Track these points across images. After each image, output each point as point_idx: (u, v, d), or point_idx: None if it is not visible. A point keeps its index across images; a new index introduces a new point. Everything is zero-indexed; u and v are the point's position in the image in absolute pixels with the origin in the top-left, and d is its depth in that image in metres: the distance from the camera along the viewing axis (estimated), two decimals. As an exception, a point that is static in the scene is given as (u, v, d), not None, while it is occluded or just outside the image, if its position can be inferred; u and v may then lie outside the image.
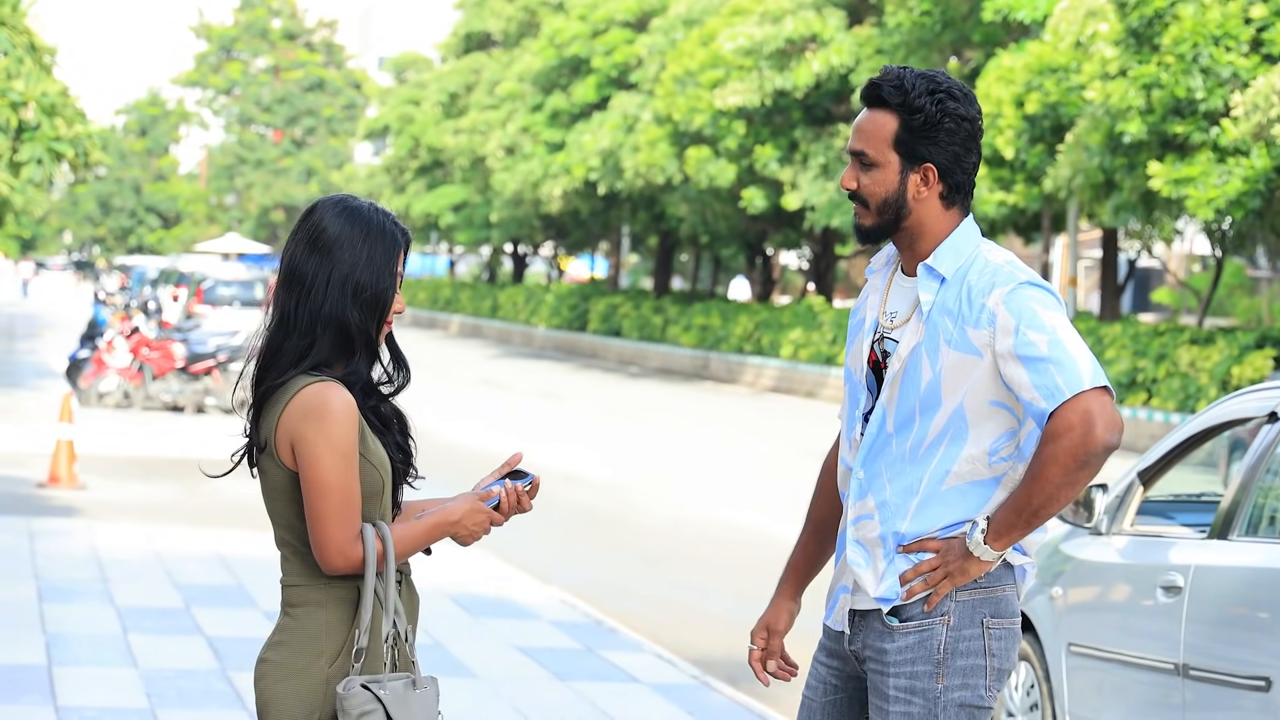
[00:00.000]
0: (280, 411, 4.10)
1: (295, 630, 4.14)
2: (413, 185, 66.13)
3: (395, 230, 4.21)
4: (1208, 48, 23.87)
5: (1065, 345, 4.21)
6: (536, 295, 59.48)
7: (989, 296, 4.27)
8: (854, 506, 4.42)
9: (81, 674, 9.46)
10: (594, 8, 48.46)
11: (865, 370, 4.45)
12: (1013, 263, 4.35)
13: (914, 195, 4.34)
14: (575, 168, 46.27)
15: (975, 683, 4.35)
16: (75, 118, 17.77)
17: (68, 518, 15.40)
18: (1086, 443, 4.16)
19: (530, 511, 4.30)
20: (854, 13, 38.24)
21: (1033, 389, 4.21)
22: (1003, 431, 4.31)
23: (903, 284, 4.44)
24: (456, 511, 4.19)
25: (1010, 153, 29.50)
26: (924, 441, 4.33)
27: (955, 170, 4.34)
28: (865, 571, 4.39)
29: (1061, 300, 4.35)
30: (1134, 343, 28.27)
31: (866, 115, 4.39)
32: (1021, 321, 4.23)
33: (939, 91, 4.31)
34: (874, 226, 4.39)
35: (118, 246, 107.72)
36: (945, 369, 4.29)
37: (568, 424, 27.91)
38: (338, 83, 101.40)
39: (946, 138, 4.31)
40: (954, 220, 4.38)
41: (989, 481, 4.33)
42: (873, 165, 4.35)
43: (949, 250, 4.35)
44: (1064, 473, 4.18)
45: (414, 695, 4.11)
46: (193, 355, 26.80)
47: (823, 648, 4.57)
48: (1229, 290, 44.14)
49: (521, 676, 10.00)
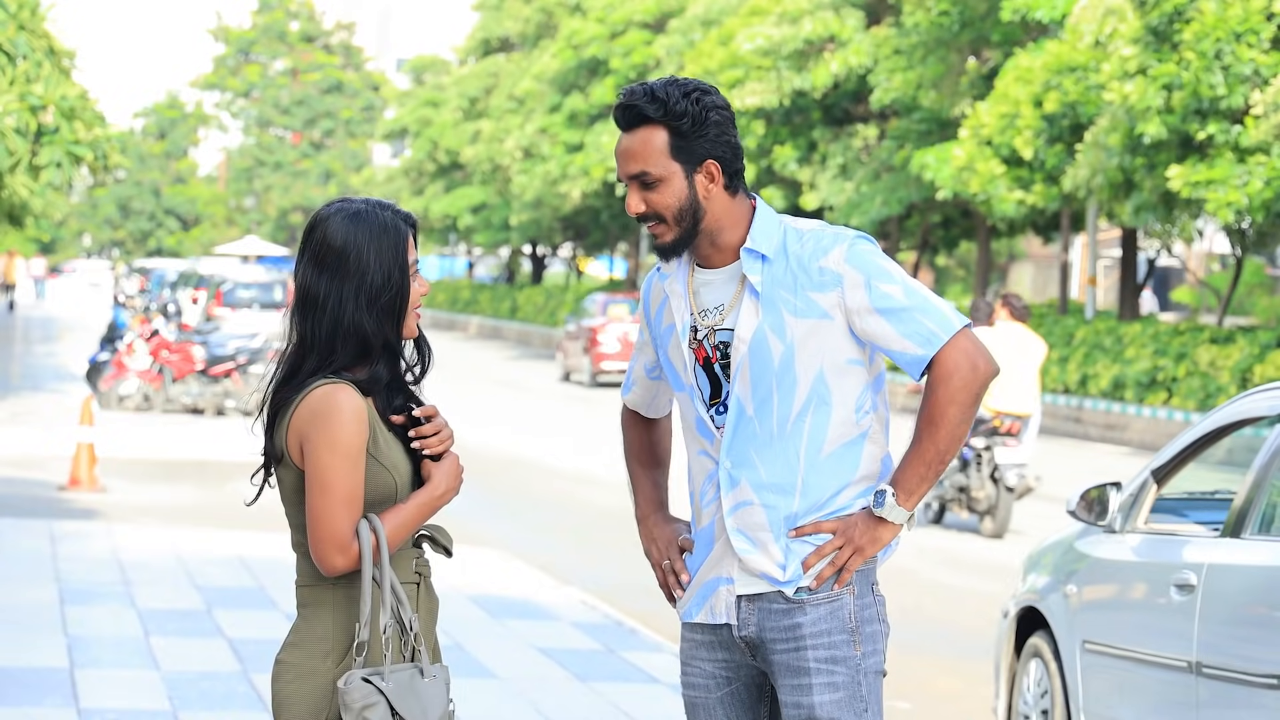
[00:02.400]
0: (291, 415, 4.14)
1: (305, 631, 4.17)
2: (431, 187, 66.17)
3: (397, 221, 4.21)
4: (1229, 44, 23.79)
5: (920, 292, 4.36)
6: (556, 296, 59.48)
7: (825, 258, 4.36)
8: (728, 497, 4.43)
9: (103, 676, 9.48)
10: (612, 9, 48.49)
11: (694, 369, 4.48)
12: (825, 225, 4.44)
13: (704, 195, 4.38)
14: (594, 169, 46.29)
15: (879, 649, 4.45)
16: (94, 121, 17.82)
17: (89, 520, 15.43)
18: (976, 377, 4.33)
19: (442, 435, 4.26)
20: (872, 13, 38.22)
21: (902, 339, 4.33)
22: (861, 387, 4.41)
23: (710, 279, 4.47)
24: (439, 483, 4.19)
25: (1029, 153, 29.45)
26: (789, 416, 4.37)
27: (734, 159, 4.41)
28: (757, 556, 4.41)
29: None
30: (1154, 342, 28.22)
31: (630, 137, 4.40)
32: (871, 276, 4.34)
33: (692, 91, 4.38)
34: (677, 239, 4.42)
35: (137, 249, 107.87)
36: (797, 339, 4.36)
37: (588, 425, 27.91)
38: (356, 85, 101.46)
39: (716, 131, 4.37)
40: (743, 204, 4.45)
41: (858, 439, 4.42)
42: (657, 181, 4.37)
43: (759, 230, 4.41)
44: (962, 410, 4.33)
45: (422, 684, 4.12)
46: (212, 358, 26.85)
47: (699, 645, 4.55)
48: (1249, 289, 44.04)
49: (542, 677, 10.01)
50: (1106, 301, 49.63)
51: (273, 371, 4.24)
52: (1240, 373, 25.62)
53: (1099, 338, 29.79)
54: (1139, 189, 26.56)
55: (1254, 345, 25.91)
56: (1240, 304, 43.39)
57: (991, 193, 30.28)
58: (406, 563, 4.22)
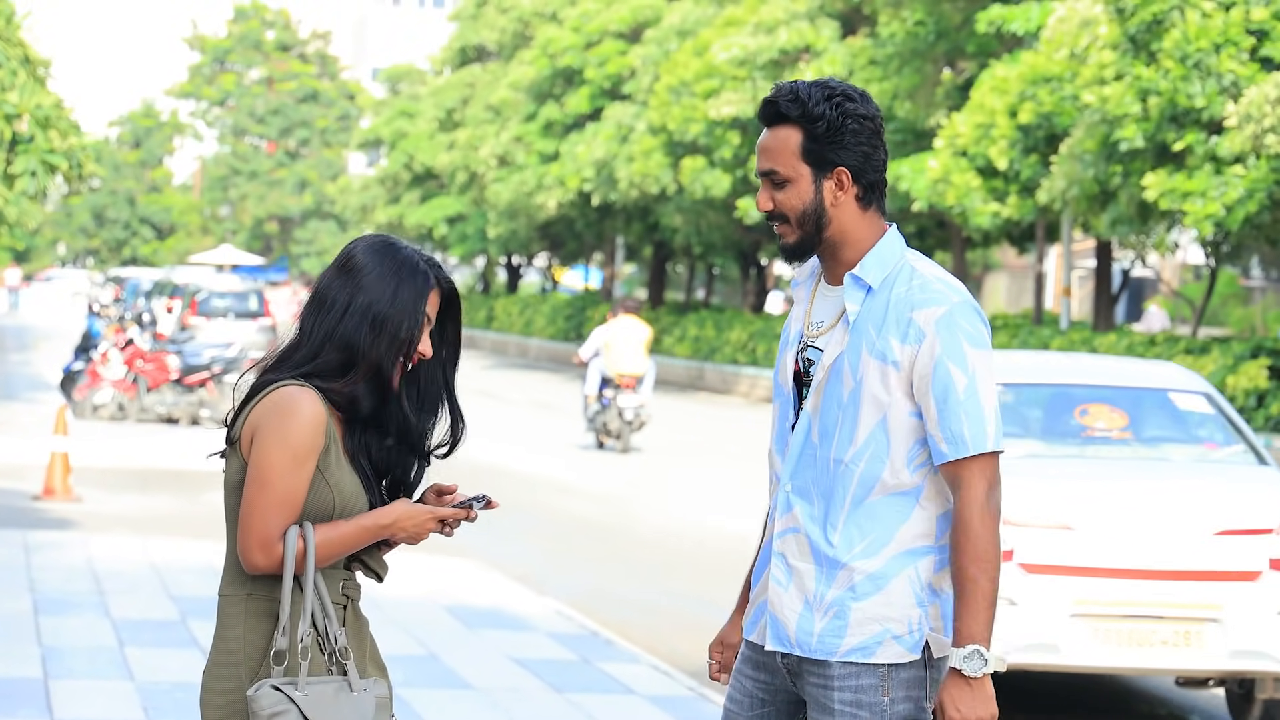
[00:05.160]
0: (253, 406, 4.13)
1: (217, 647, 4.15)
2: (407, 196, 66.15)
3: (429, 273, 4.20)
4: (1209, 53, 23.84)
5: (979, 395, 4.25)
6: (532, 306, 59.47)
7: (920, 311, 4.28)
8: (781, 519, 4.43)
9: (78, 687, 9.45)
10: (587, 19, 48.49)
11: (791, 380, 4.47)
12: (944, 279, 4.35)
13: (831, 202, 4.34)
14: (569, 178, 46.30)
15: (916, 694, 4.35)
16: (69, 130, 17.77)
17: (63, 530, 15.39)
18: (989, 498, 4.25)
19: (475, 520, 4.26)
20: (847, 23, 38.29)
21: (938, 428, 4.25)
22: (919, 438, 4.32)
23: (827, 294, 4.45)
24: (389, 513, 4.14)
25: (1004, 163, 29.51)
26: (848, 452, 4.33)
27: (867, 169, 4.35)
28: (786, 595, 4.38)
29: (989, 327, 4.38)
30: (1128, 353, 28.28)
31: (769, 134, 4.39)
32: (947, 353, 4.26)
33: (836, 95, 4.33)
34: (798, 242, 4.39)
35: (112, 258, 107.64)
36: (865, 378, 4.30)
37: (563, 434, 27.89)
38: (331, 94, 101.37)
39: (852, 139, 4.32)
40: (874, 223, 4.39)
41: (911, 492, 4.32)
42: (785, 181, 4.35)
43: (875, 259, 4.35)
44: (983, 522, 4.24)
45: (348, 698, 4.07)
46: (187, 367, 26.79)
47: (747, 660, 4.53)
48: (1223, 300, 44.20)
49: (517, 688, 9.99)
50: (1081, 312, 49.75)
51: (263, 359, 4.24)
52: (1215, 384, 25.68)
53: (1073, 348, 29.84)
54: (1115, 200, 26.61)
55: (1228, 356, 25.97)
56: (1214, 315, 43.54)
57: (967, 205, 30.33)
58: (334, 583, 4.17)
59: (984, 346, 4.30)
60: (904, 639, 4.31)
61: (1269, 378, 25.22)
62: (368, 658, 4.24)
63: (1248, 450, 10.30)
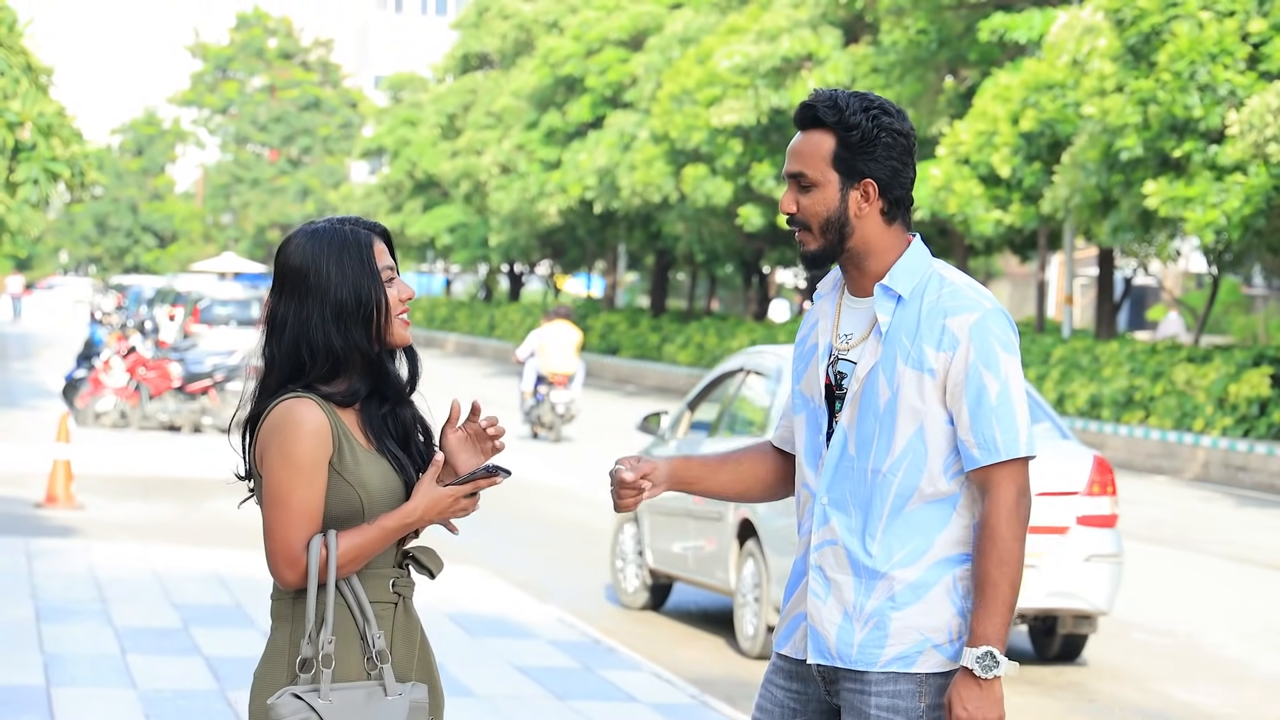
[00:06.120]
0: (259, 429, 4.14)
1: (270, 645, 4.17)
2: (409, 204, 66.15)
3: (359, 231, 4.17)
4: (1205, 65, 23.86)
5: (1012, 401, 4.26)
6: (533, 314, 59.48)
7: (953, 318, 4.28)
8: (818, 532, 4.40)
9: (80, 695, 9.45)
10: (588, 27, 48.51)
11: (821, 394, 4.45)
12: (974, 286, 4.36)
13: (855, 212, 4.33)
14: (571, 186, 46.31)
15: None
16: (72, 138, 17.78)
17: (65, 538, 15.39)
18: (1017, 504, 4.25)
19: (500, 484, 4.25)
20: (850, 31, 38.29)
21: (970, 433, 4.25)
22: (954, 445, 4.32)
23: (853, 306, 4.43)
24: (414, 509, 4.14)
25: (1006, 171, 29.51)
26: (885, 462, 4.32)
27: (894, 185, 4.35)
28: (825, 607, 4.37)
29: (1018, 334, 4.39)
30: (1131, 361, 28.27)
31: (802, 137, 4.39)
32: (981, 358, 4.26)
33: (873, 108, 4.35)
34: (820, 249, 4.38)
35: (114, 266, 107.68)
36: (901, 388, 4.29)
37: (565, 442, 27.89)
38: (334, 102, 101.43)
39: (884, 152, 4.32)
40: (898, 237, 4.39)
41: (948, 499, 4.31)
42: (812, 186, 4.35)
43: (903, 269, 4.35)
44: (1010, 529, 4.24)
45: (381, 703, 4.09)
46: (189, 375, 26.80)
47: (779, 670, 4.52)
48: (1225, 308, 44.18)
49: (520, 696, 9.99)
50: (1083, 320, 49.73)
51: (250, 391, 4.24)
52: (1217, 392, 25.67)
53: (1075, 356, 29.84)
54: (1117, 208, 26.61)
55: (1230, 364, 25.96)
56: (1216, 323, 43.53)
57: (969, 213, 30.33)
58: (383, 581, 4.18)
59: (1015, 352, 4.32)
60: (944, 648, 4.31)
61: (1271, 385, 25.21)
62: (416, 659, 4.26)
63: (1053, 428, 12.35)
